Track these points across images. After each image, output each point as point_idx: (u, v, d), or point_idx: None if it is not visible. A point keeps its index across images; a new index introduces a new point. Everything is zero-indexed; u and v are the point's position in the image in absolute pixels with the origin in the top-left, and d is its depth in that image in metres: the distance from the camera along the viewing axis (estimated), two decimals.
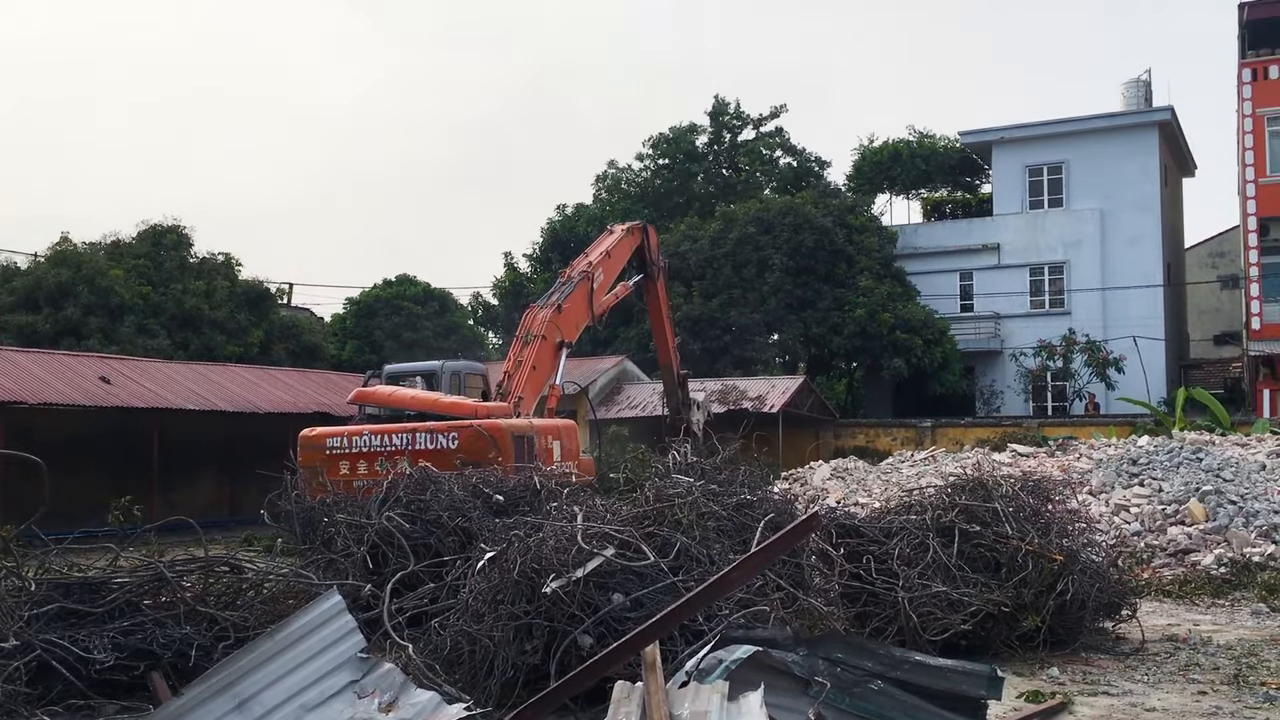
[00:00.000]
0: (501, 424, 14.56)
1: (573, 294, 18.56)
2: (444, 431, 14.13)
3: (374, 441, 14.31)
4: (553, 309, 17.97)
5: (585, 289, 18.92)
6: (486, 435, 13.91)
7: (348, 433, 14.63)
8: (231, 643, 7.57)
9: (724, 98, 42.85)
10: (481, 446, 13.67)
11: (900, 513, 9.58)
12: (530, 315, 18.08)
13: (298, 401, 25.73)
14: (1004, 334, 38.59)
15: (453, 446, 13.86)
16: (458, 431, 14.10)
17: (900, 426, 33.44)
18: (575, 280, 18.89)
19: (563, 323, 18.11)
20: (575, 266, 19.61)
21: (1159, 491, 15.00)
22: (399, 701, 5.68)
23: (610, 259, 20.15)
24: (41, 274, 28.16)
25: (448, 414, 14.99)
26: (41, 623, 7.41)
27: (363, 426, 14.97)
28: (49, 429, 20.87)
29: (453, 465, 12.22)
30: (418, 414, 15.46)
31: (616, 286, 20.64)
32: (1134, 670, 8.32)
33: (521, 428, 14.75)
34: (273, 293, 34.56)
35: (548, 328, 17.64)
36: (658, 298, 22.79)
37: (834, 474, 20.51)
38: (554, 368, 17.77)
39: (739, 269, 35.69)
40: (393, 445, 14.16)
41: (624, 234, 21.00)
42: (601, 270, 19.61)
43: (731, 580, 5.91)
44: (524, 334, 17.68)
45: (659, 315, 23.08)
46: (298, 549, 10.44)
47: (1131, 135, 38.02)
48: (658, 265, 22.55)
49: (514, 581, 7.04)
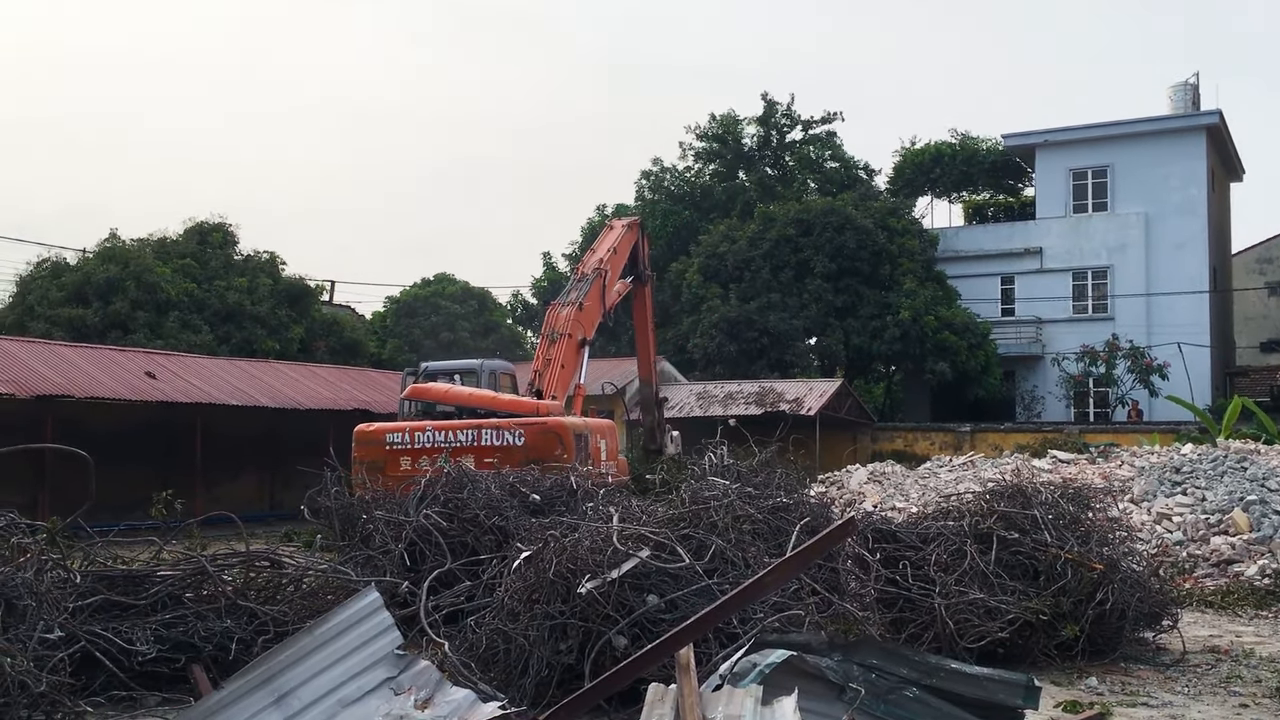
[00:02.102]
0: (566, 422, 14.68)
1: (589, 291, 18.62)
2: (510, 429, 14.20)
3: (437, 437, 14.33)
4: (575, 306, 18.05)
5: (599, 285, 18.95)
6: (553, 433, 14.00)
7: (410, 428, 14.66)
8: (271, 637, 7.67)
9: (773, 96, 42.44)
10: (548, 444, 13.76)
11: (938, 518, 9.51)
12: (553, 313, 18.18)
13: (338, 398, 25.97)
14: (1045, 339, 38.21)
15: (519, 444, 13.94)
16: (524, 429, 14.18)
17: (939, 431, 33.20)
18: (590, 277, 18.94)
19: (584, 320, 18.22)
20: (587, 263, 19.64)
21: (1202, 500, 14.81)
22: (435, 699, 5.71)
23: (617, 255, 20.07)
24: (91, 269, 28.66)
25: (507, 411, 15.08)
26: (86, 614, 7.52)
27: (424, 422, 15.00)
28: (95, 423, 21.19)
29: (519, 463, 12.30)
30: (462, 410, 15.54)
31: (618, 284, 20.54)
32: (1174, 681, 8.21)
33: (580, 426, 14.86)
34: (314, 290, 34.90)
35: (572, 325, 17.72)
36: (645, 304, 22.49)
37: (871, 478, 20.42)
38: (578, 365, 17.88)
39: (777, 271, 35.55)
40: (457, 442, 14.20)
41: (624, 230, 20.84)
42: (610, 267, 19.63)
43: (767, 584, 5.91)
44: (549, 332, 17.76)
45: (644, 324, 22.73)
46: (336, 545, 10.53)
47: (1178, 139, 37.51)
48: (647, 270, 22.26)
49: (549, 581, 7.07)
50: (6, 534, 6.42)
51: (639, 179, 44.34)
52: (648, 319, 22.77)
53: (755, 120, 42.43)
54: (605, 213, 44.16)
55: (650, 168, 44.14)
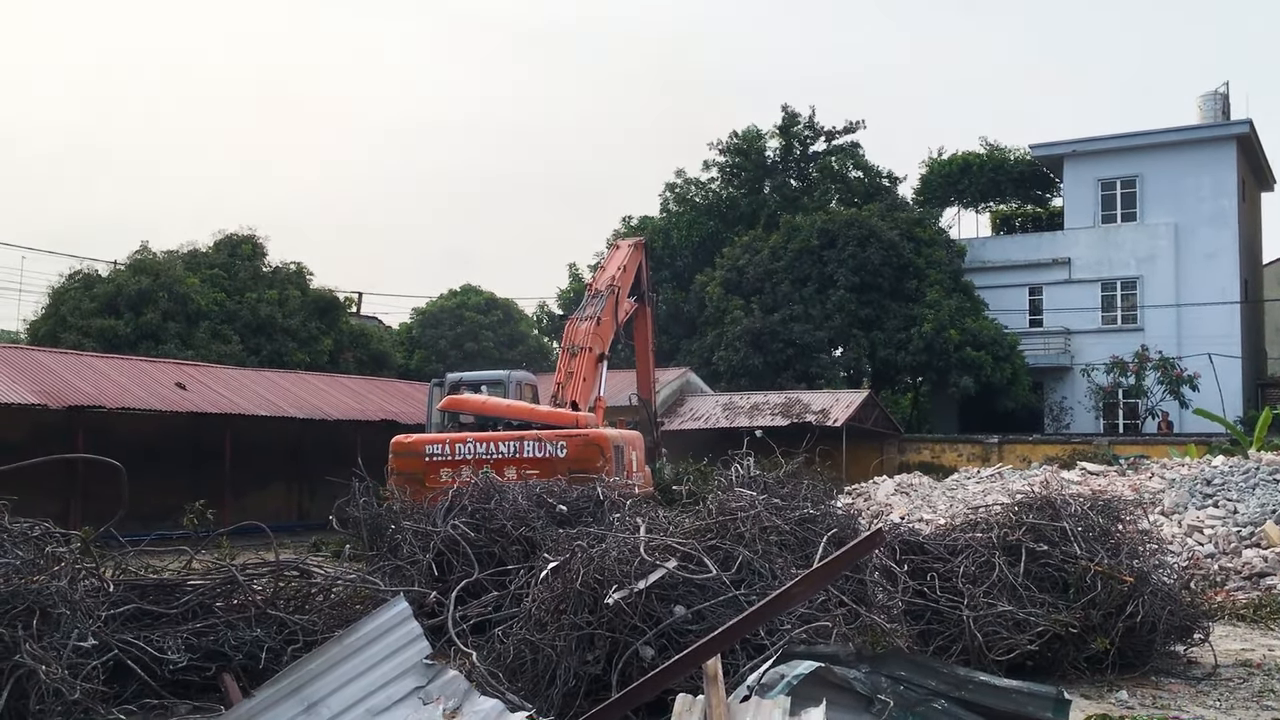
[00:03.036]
0: (607, 433, 14.76)
1: (605, 307, 18.99)
2: (552, 440, 14.26)
3: (478, 449, 14.41)
4: (593, 321, 18.39)
5: (613, 302, 19.36)
6: (595, 445, 14.07)
7: (450, 439, 14.75)
8: (300, 646, 7.71)
9: (794, 108, 42.45)
10: (590, 455, 13.86)
11: (966, 530, 9.46)
12: (572, 328, 18.56)
13: (365, 409, 26.11)
14: (1074, 350, 37.94)
15: (562, 455, 14.02)
16: (566, 440, 14.24)
17: (966, 442, 33.01)
18: (604, 294, 19.34)
19: (602, 334, 18.56)
20: (599, 281, 20.07)
21: (1234, 513, 14.66)
22: (463, 708, 5.74)
23: (625, 273, 20.49)
24: (122, 281, 28.94)
25: (543, 423, 15.16)
26: (118, 623, 7.58)
27: (465, 434, 15.11)
28: (126, 433, 21.40)
29: (561, 474, 12.37)
30: (486, 422, 15.62)
31: (626, 302, 20.88)
32: (1205, 695, 8.13)
33: (617, 438, 14.94)
34: (342, 301, 35.13)
35: (592, 339, 17.99)
36: (646, 324, 22.73)
37: (898, 490, 20.35)
38: (597, 378, 18.08)
39: (799, 284, 35.46)
40: (499, 453, 14.28)
41: (631, 249, 21.24)
42: (621, 284, 20.03)
43: (794, 595, 5.90)
44: (569, 346, 18.09)
45: (644, 343, 22.98)
46: (365, 555, 10.59)
47: (1208, 149, 37.23)
48: (649, 291, 22.61)
49: (576, 592, 7.08)
50: (41, 542, 6.50)
51: (662, 191, 44.46)
52: (648, 339, 23.11)
53: (776, 131, 42.32)
54: (630, 224, 44.21)
55: (674, 179, 44.20)
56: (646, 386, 23.21)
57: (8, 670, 5.30)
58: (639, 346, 23.28)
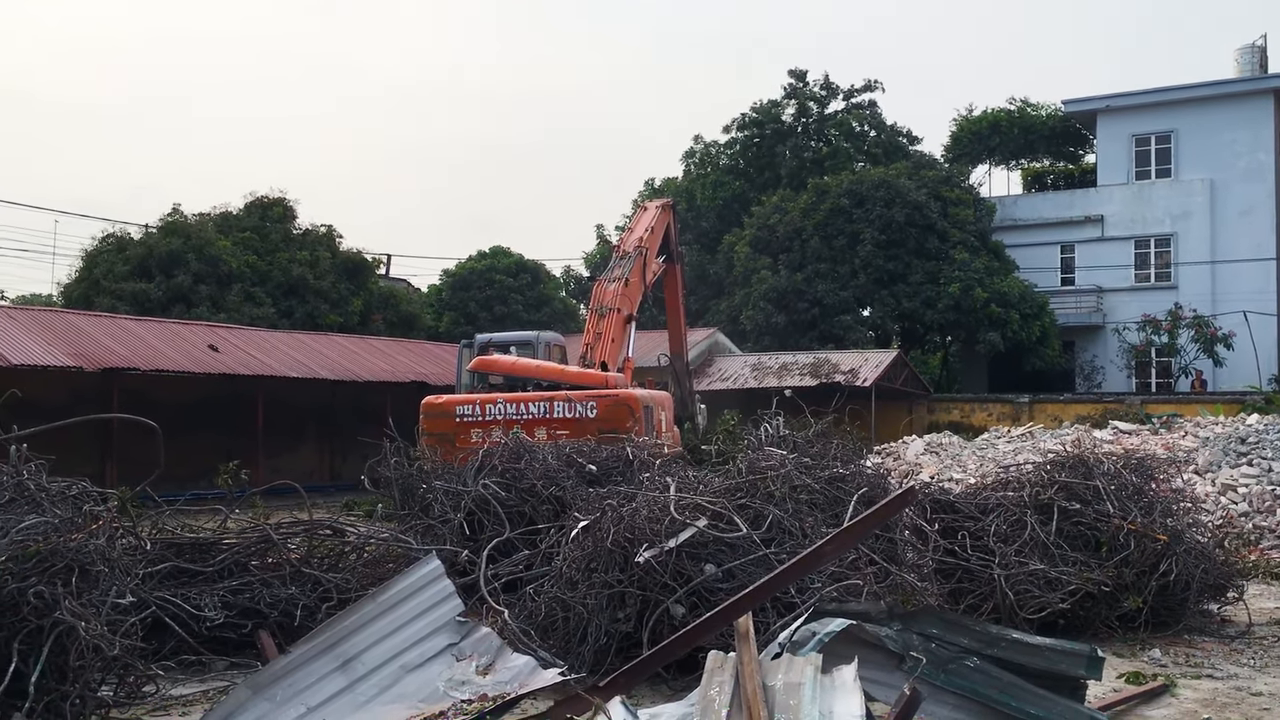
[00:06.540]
0: (637, 394, 14.78)
1: (633, 268, 18.95)
2: (582, 400, 14.29)
3: (509, 410, 14.43)
4: (620, 283, 18.35)
5: (641, 263, 19.29)
6: (625, 405, 14.09)
7: (480, 400, 14.77)
8: (334, 604, 7.80)
9: (800, 69, 41.92)
10: (621, 415, 13.85)
11: (997, 489, 9.42)
12: (600, 289, 18.52)
13: (396, 370, 26.26)
14: (1106, 308, 37.53)
15: (592, 415, 14.03)
16: (597, 401, 14.26)
17: (996, 402, 32.79)
18: (632, 255, 19.26)
19: (629, 295, 18.50)
20: (626, 242, 20.04)
21: (1269, 471, 14.53)
22: (496, 664, 5.79)
23: (653, 234, 20.44)
24: (154, 244, 29.12)
25: (573, 384, 15.18)
26: (156, 580, 7.70)
27: (495, 395, 15.11)
28: (160, 394, 21.63)
29: (591, 434, 12.40)
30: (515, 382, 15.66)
31: (654, 263, 20.85)
32: (1239, 654, 8.10)
33: (646, 398, 14.97)
34: (371, 263, 35.21)
35: (620, 300, 17.95)
36: (676, 283, 22.84)
37: (928, 449, 20.29)
38: (625, 339, 18.07)
39: (828, 240, 35.20)
40: (529, 414, 14.30)
41: (659, 210, 21.23)
42: (649, 245, 19.98)
43: (825, 553, 5.90)
44: (598, 307, 18.04)
45: (675, 302, 23.13)
46: (397, 514, 10.67)
47: (1244, 103, 36.52)
48: (678, 250, 22.66)
49: (607, 550, 7.12)
50: (79, 502, 6.58)
51: (682, 158, 44.27)
52: (679, 297, 23.24)
53: (785, 93, 41.99)
54: (654, 186, 43.97)
55: (694, 146, 43.96)
56: (679, 343, 23.29)
57: (48, 627, 5.38)
58: (669, 304, 23.34)
